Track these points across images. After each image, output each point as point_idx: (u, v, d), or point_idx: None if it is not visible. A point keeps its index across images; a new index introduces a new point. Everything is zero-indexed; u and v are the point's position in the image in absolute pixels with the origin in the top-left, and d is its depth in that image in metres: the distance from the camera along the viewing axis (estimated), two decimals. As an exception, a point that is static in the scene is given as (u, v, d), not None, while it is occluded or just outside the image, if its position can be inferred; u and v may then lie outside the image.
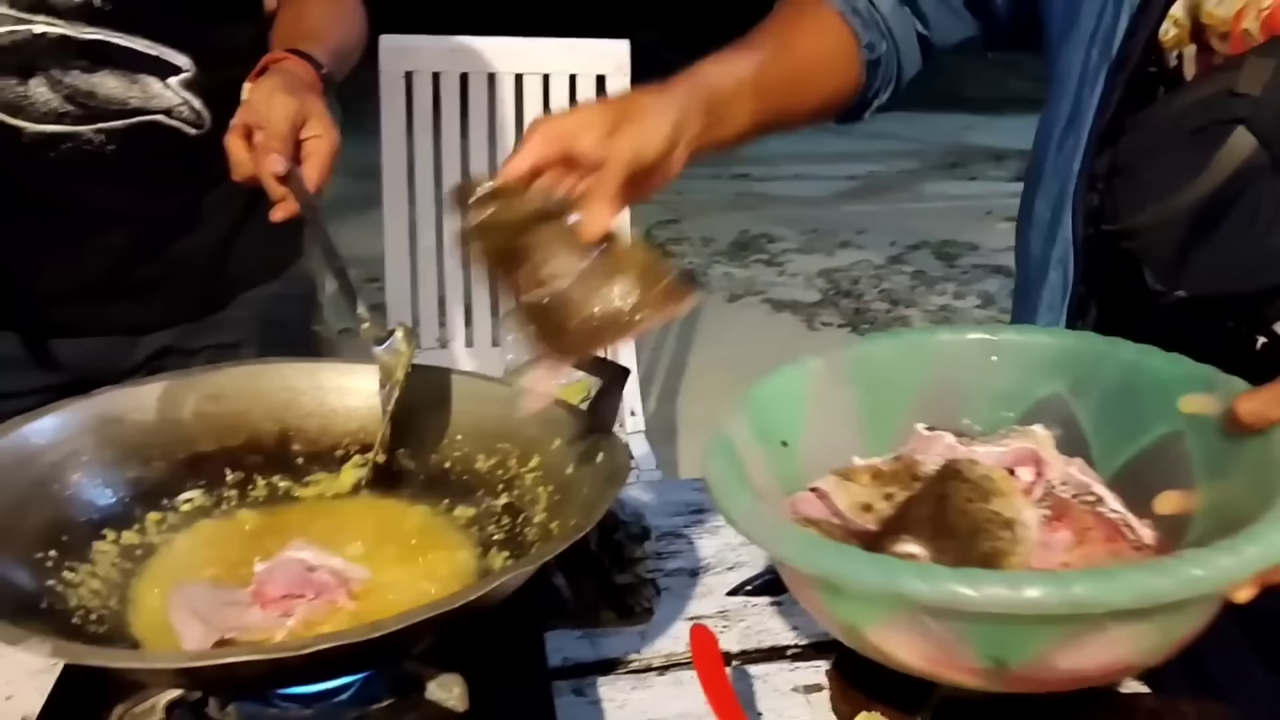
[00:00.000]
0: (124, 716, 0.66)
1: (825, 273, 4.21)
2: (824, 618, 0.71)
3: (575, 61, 2.01)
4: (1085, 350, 0.83)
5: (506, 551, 0.79)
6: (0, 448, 0.76)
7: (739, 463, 0.74)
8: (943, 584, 0.60)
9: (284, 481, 0.88)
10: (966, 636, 0.63)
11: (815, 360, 0.85)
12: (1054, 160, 0.96)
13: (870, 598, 0.64)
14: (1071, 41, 0.93)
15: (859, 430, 0.84)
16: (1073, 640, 0.62)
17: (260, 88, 0.96)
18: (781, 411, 0.81)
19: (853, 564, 0.63)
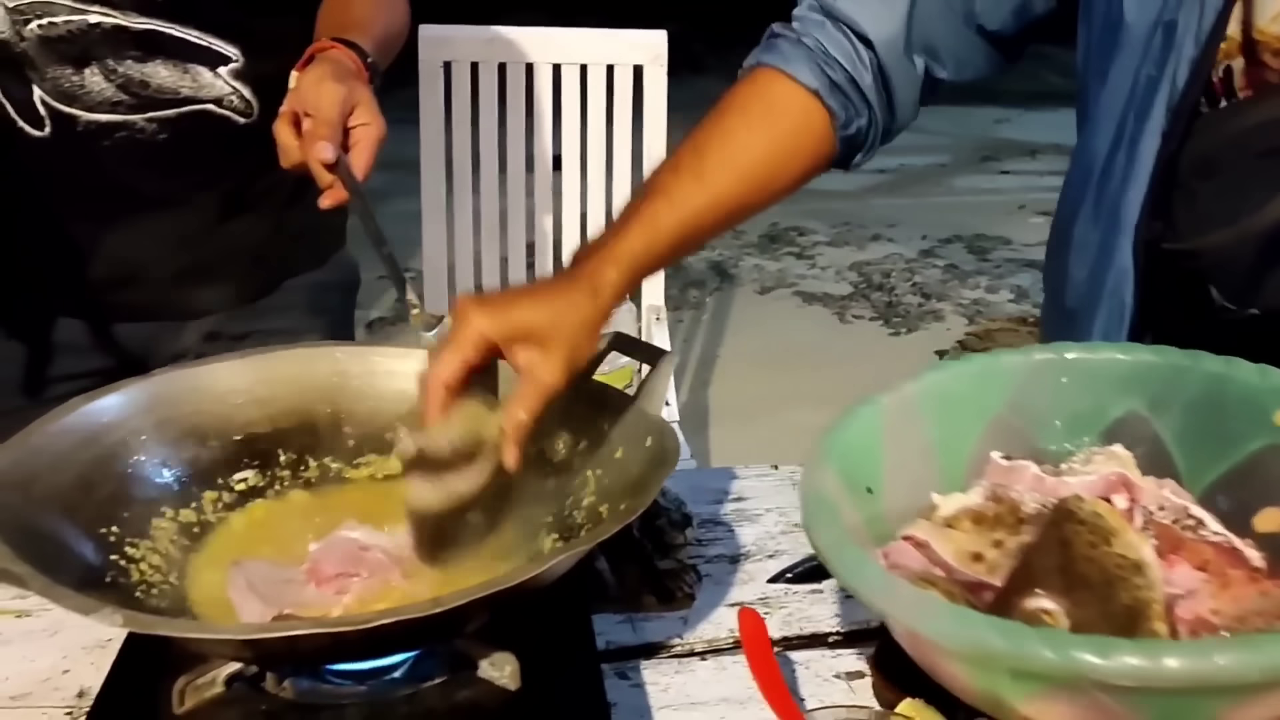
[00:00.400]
0: (186, 688, 0.68)
1: (856, 265, 4.20)
2: (963, 689, 0.66)
3: (613, 52, 2.02)
4: (1162, 365, 0.81)
5: (555, 534, 0.80)
6: (65, 425, 0.78)
7: (839, 521, 0.69)
8: (1119, 657, 0.56)
9: (335, 463, 0.90)
10: (1138, 707, 0.60)
11: (886, 396, 0.82)
12: (1098, 184, 0.93)
13: (1038, 675, 0.59)
14: (1116, 66, 0.91)
15: (935, 464, 0.82)
16: (1251, 699, 0.59)
17: (309, 75, 0.97)
18: (862, 455, 0.78)
19: (1017, 640, 0.58)
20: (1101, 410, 0.83)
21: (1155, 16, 0.87)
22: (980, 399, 0.84)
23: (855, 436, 0.79)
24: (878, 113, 0.97)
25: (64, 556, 0.71)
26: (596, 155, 2.03)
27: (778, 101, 0.93)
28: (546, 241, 2.09)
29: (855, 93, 0.95)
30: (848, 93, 0.94)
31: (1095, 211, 0.95)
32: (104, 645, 0.83)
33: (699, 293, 3.92)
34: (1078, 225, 0.97)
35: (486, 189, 2.04)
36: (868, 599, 0.64)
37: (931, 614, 0.61)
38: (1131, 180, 0.90)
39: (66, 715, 0.76)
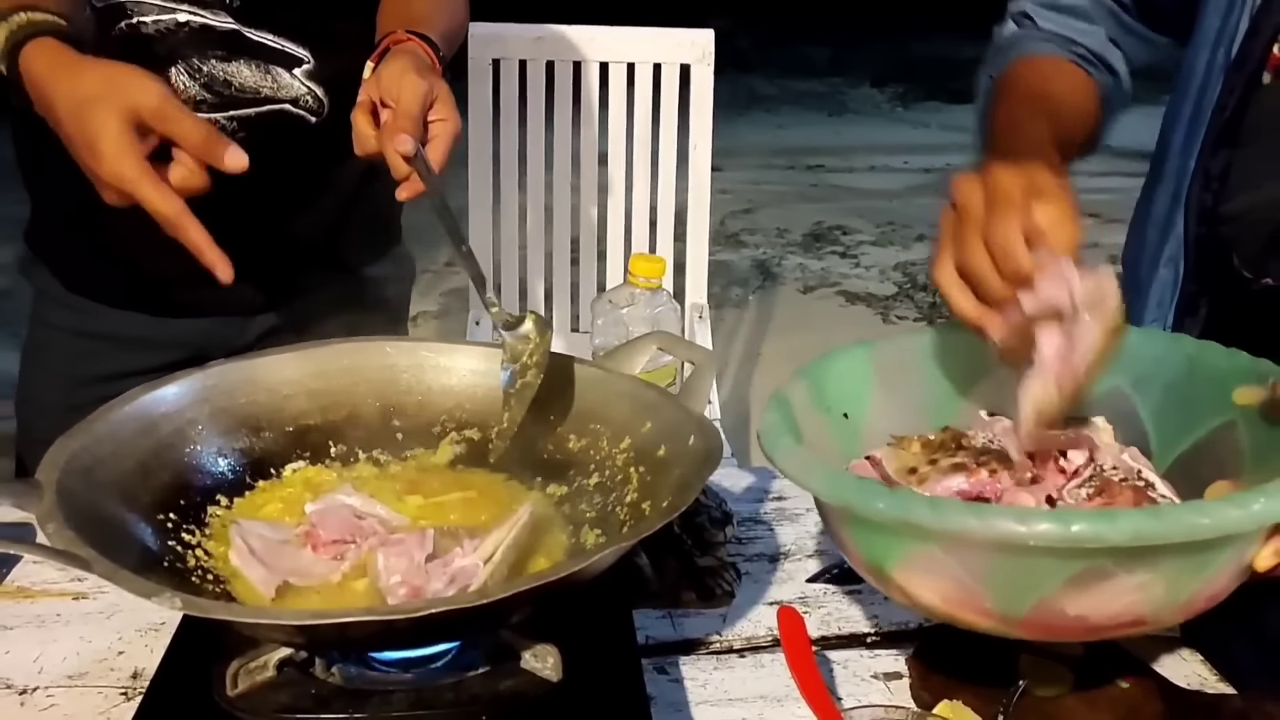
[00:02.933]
0: (239, 671, 0.69)
1: (901, 266, 4.18)
2: (855, 560, 0.74)
3: (660, 50, 2.02)
4: (1148, 345, 0.85)
5: (598, 530, 0.82)
6: (126, 415, 0.80)
7: (791, 416, 0.78)
8: (951, 514, 0.64)
9: (384, 455, 0.91)
10: (977, 574, 0.66)
11: (884, 343, 0.89)
12: (1173, 160, 0.96)
13: (888, 530, 0.67)
14: (1196, 43, 0.94)
15: (922, 412, 0.87)
16: (1078, 585, 0.64)
17: (391, 67, 0.97)
18: (845, 386, 0.85)
19: (871, 495, 0.67)
20: None
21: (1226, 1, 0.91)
22: (974, 361, 0.86)
23: (842, 367, 0.86)
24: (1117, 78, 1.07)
25: (123, 541, 0.73)
26: (642, 153, 2.04)
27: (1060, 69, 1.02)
28: (591, 238, 2.10)
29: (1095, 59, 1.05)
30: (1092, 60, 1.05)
31: (1166, 185, 0.98)
32: (158, 628, 0.85)
33: (742, 291, 3.92)
34: (1155, 199, 0.99)
35: (533, 185, 2.06)
36: (776, 461, 0.73)
37: (814, 473, 0.71)
38: (1192, 152, 0.93)
39: (122, 695, 0.79)
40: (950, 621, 0.71)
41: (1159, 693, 0.79)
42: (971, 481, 0.76)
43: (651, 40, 2.03)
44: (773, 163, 5.56)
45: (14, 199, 1.26)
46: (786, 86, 7.31)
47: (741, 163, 5.25)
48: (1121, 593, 0.65)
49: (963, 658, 0.82)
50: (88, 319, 1.22)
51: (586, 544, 0.80)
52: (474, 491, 0.87)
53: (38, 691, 0.79)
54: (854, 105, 7.11)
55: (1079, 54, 1.03)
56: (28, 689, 0.79)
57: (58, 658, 0.83)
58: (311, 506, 0.81)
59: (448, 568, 0.74)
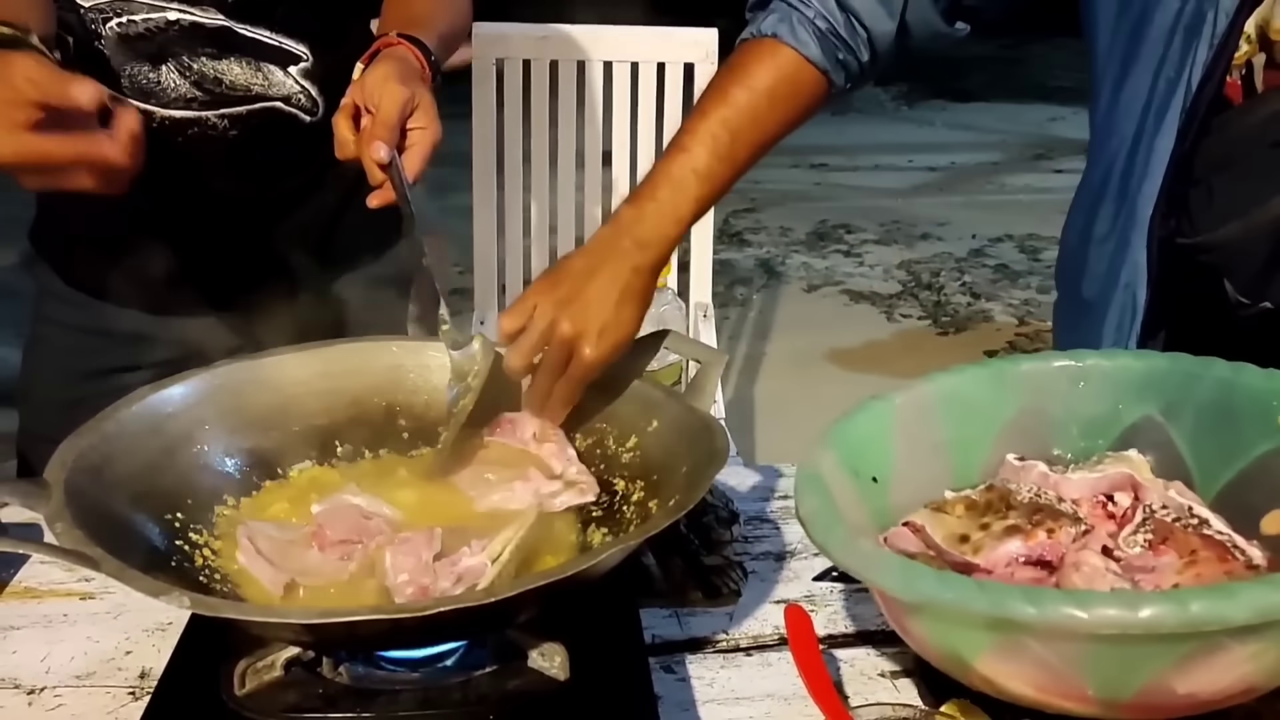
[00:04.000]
0: (246, 670, 0.70)
1: (905, 264, 4.18)
2: (927, 649, 0.70)
3: (664, 50, 2.02)
4: (1176, 371, 0.82)
5: (605, 529, 0.82)
6: (133, 414, 0.80)
7: (830, 496, 0.74)
8: (1052, 606, 0.59)
9: (390, 455, 0.91)
10: (1077, 662, 0.62)
11: (900, 394, 0.85)
12: (1119, 180, 0.95)
13: (976, 624, 0.63)
14: (1139, 62, 0.92)
15: (948, 464, 0.84)
16: (1190, 663, 0.61)
17: (375, 73, 0.98)
18: (869, 447, 0.81)
19: (957, 590, 0.62)
20: (1118, 415, 0.84)
21: (1173, 20, 0.89)
22: (995, 402, 0.85)
23: (863, 427, 0.82)
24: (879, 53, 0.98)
25: (132, 541, 0.73)
26: (646, 152, 2.04)
27: (799, 83, 0.95)
28: (595, 238, 2.10)
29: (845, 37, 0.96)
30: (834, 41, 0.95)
31: (1115, 208, 0.96)
32: (165, 628, 0.85)
33: (746, 290, 3.92)
34: (1098, 221, 0.98)
35: (537, 185, 2.06)
36: (834, 556, 0.69)
37: (885, 568, 0.66)
38: (1148, 178, 0.92)
39: (129, 695, 0.79)
40: (1042, 709, 0.67)
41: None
42: (1030, 545, 0.74)
43: (655, 40, 2.03)
44: (776, 161, 5.52)
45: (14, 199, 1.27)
46: (790, 85, 7.30)
47: (745, 162, 5.24)
48: (1233, 666, 0.62)
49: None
50: (89, 315, 1.23)
51: (593, 543, 0.81)
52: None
53: (45, 691, 0.79)
54: (858, 104, 7.10)
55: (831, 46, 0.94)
56: (35, 689, 0.79)
57: (65, 658, 0.83)
58: (318, 507, 0.81)
59: (455, 566, 0.74)
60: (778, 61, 0.94)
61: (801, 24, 0.94)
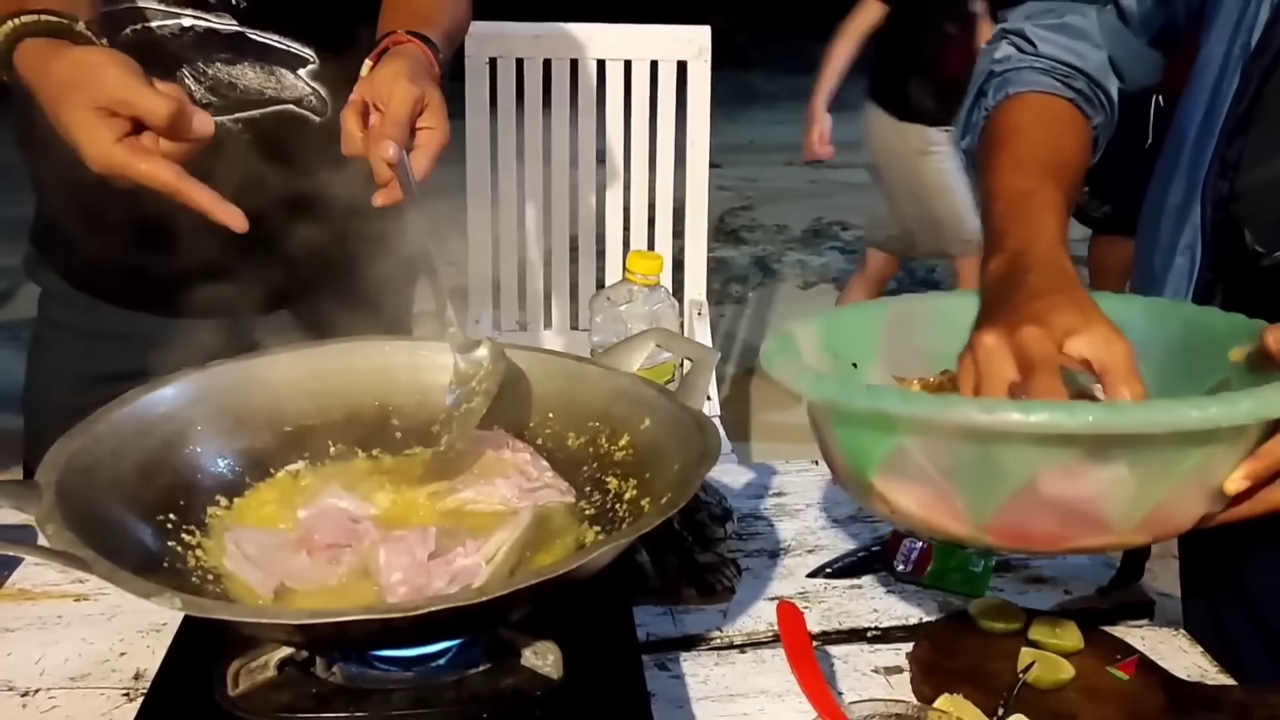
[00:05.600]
0: (239, 671, 0.69)
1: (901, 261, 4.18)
2: (841, 470, 0.77)
3: (657, 48, 2.03)
4: (1150, 310, 0.87)
5: (598, 527, 0.82)
6: (125, 415, 0.80)
7: (795, 350, 0.82)
8: (919, 404, 0.68)
9: (383, 454, 0.91)
10: (948, 472, 0.68)
11: (895, 302, 0.93)
12: (1188, 151, 0.95)
13: (867, 426, 0.70)
14: (1214, 33, 0.93)
15: (926, 370, 0.88)
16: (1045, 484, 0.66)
17: (385, 70, 0.96)
18: (855, 337, 0.88)
19: (850, 389, 0.72)
20: None
21: None
22: None
23: (852, 320, 0.90)
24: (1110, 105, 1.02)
25: (124, 542, 0.73)
26: (640, 150, 2.04)
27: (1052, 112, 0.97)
28: (590, 235, 2.10)
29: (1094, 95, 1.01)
30: (1089, 96, 1.00)
31: (1182, 177, 0.97)
32: (159, 629, 0.85)
33: (741, 287, 3.92)
34: (1170, 193, 0.98)
35: (531, 183, 2.06)
36: (773, 371, 0.76)
37: (803, 375, 0.74)
38: (1208, 142, 0.92)
39: (124, 696, 0.79)
40: (927, 531, 0.74)
41: (1160, 685, 0.79)
42: None
43: (648, 38, 2.03)
44: (771, 159, 5.56)
45: (14, 200, 1.27)
46: (785, 82, 7.30)
47: (740, 159, 5.26)
48: (1087, 487, 0.66)
49: (963, 651, 0.82)
50: (93, 318, 1.22)
51: (586, 541, 0.80)
52: None
53: (40, 693, 0.79)
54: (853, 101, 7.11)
55: (1079, 90, 0.98)
56: (29, 691, 0.79)
57: (59, 659, 0.83)
58: (304, 511, 0.80)
59: (450, 566, 0.74)
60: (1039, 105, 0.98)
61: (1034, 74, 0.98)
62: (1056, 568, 0.97)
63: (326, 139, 1.14)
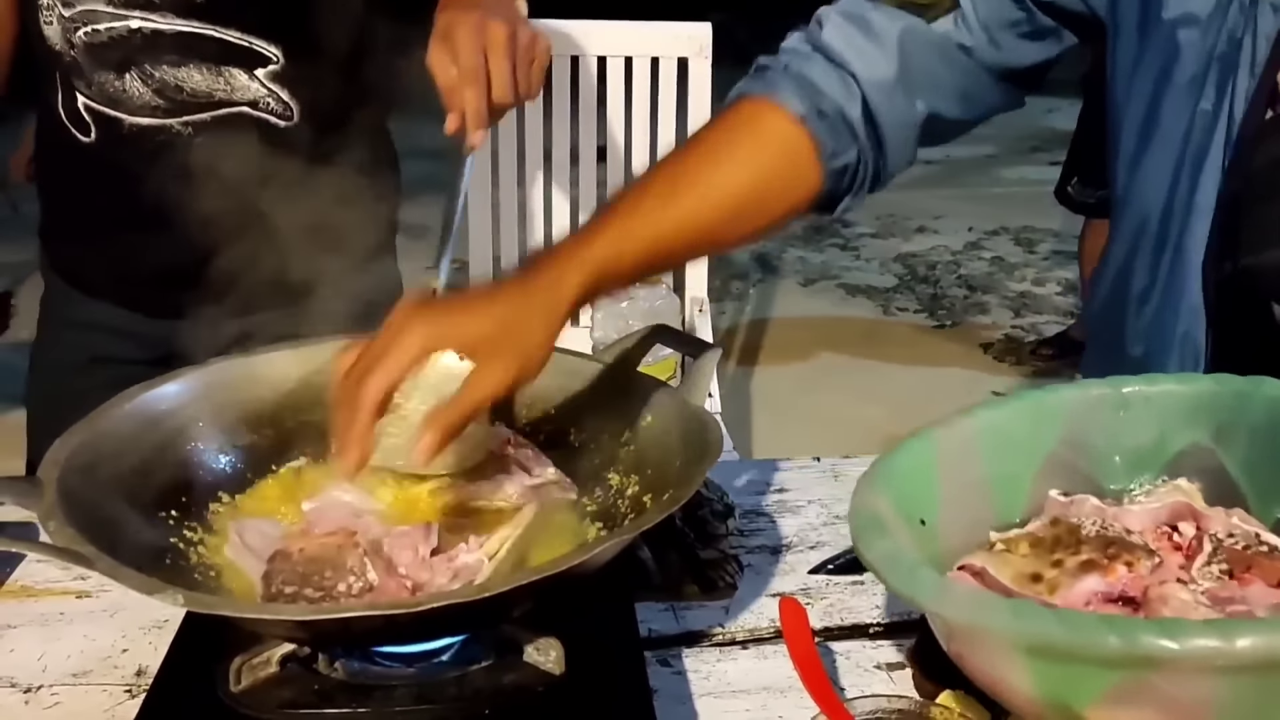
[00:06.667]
0: (242, 667, 0.70)
1: (901, 258, 4.18)
2: (1023, 699, 0.64)
3: (658, 44, 2.02)
4: (1224, 392, 0.78)
5: (599, 523, 0.82)
6: (127, 412, 0.80)
7: (895, 539, 0.68)
8: (1190, 637, 0.54)
9: (384, 451, 0.91)
10: (1209, 702, 0.57)
11: (940, 429, 0.80)
12: (1156, 230, 0.90)
13: (1098, 663, 0.58)
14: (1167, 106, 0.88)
15: (990, 502, 0.79)
16: None
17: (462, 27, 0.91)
18: (914, 488, 0.76)
19: (1081, 628, 0.57)
20: (1162, 444, 0.80)
21: (1205, 55, 0.85)
22: (1035, 435, 0.80)
23: (907, 466, 0.76)
24: (867, 150, 0.92)
25: (126, 539, 0.73)
26: (641, 147, 2.04)
27: (763, 129, 0.89)
28: (591, 233, 2.10)
29: (843, 125, 0.90)
30: (835, 123, 0.90)
31: (1153, 259, 0.91)
32: (161, 625, 0.85)
33: (742, 284, 3.92)
34: (1134, 277, 0.93)
35: (531, 181, 2.06)
36: (923, 602, 0.63)
37: (990, 608, 0.61)
38: (1194, 217, 0.87)
39: (126, 693, 0.79)
40: None
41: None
42: (1109, 580, 0.69)
43: (649, 34, 2.03)
44: (772, 156, 5.55)
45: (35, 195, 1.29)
46: (785, 79, 7.31)
47: (741, 156, 5.24)
48: None
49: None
50: (83, 310, 1.25)
51: (588, 537, 0.81)
52: None
53: (42, 690, 0.79)
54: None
55: (822, 110, 0.89)
56: (32, 687, 0.79)
57: (61, 656, 0.83)
58: (309, 504, 0.81)
59: (452, 563, 0.74)
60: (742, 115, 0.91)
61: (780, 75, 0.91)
62: (1058, 564, 0.97)
63: (293, 143, 1.14)
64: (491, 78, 0.87)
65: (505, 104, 0.89)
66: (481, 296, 0.76)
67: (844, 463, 1.13)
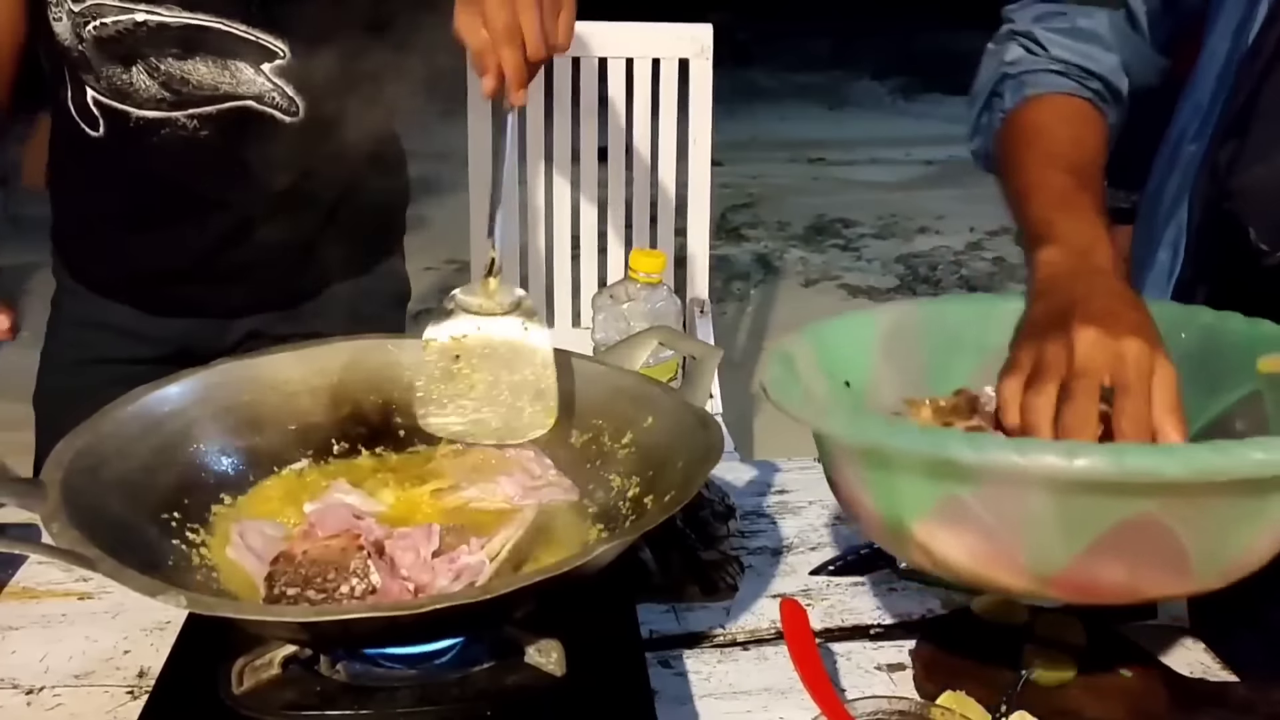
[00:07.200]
0: (244, 669, 0.70)
1: (903, 258, 4.18)
2: (868, 516, 0.70)
3: (659, 45, 2.02)
4: (1162, 316, 0.80)
5: (601, 525, 0.82)
6: (130, 414, 0.81)
7: (795, 370, 0.76)
8: (992, 450, 0.59)
9: (387, 452, 0.91)
10: (1014, 523, 0.62)
11: (886, 312, 0.87)
12: (1185, 148, 0.95)
13: (918, 472, 0.63)
14: (1216, 32, 0.93)
15: (923, 385, 0.83)
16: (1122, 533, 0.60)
17: None
18: (847, 352, 0.82)
19: (904, 433, 0.63)
20: None
21: None
22: (980, 334, 0.84)
23: (844, 333, 0.83)
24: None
25: (128, 540, 0.73)
26: (642, 148, 2.04)
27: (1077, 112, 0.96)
28: (591, 233, 2.10)
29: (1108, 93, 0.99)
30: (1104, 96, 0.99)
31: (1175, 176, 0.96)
32: (163, 627, 0.86)
33: (743, 285, 3.92)
34: (1165, 190, 0.98)
35: (533, 181, 2.06)
36: (791, 410, 0.70)
37: (835, 415, 0.68)
38: (1202, 143, 0.92)
39: (128, 694, 0.79)
40: (974, 583, 0.67)
41: (1163, 682, 0.79)
42: None
43: (650, 35, 2.03)
44: (774, 156, 5.56)
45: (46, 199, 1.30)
46: (787, 79, 7.30)
47: (742, 156, 5.25)
48: (1165, 543, 0.61)
49: (966, 648, 0.82)
50: (91, 308, 1.25)
51: (589, 539, 0.81)
52: None
53: (44, 691, 0.79)
54: (855, 98, 7.10)
55: (1095, 91, 0.97)
56: (34, 689, 0.80)
57: (64, 657, 0.83)
58: (310, 506, 0.81)
59: (454, 564, 0.74)
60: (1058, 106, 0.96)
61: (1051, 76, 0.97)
62: (1059, 565, 0.97)
63: (298, 139, 1.15)
64: (525, 34, 0.86)
65: (539, 59, 0.88)
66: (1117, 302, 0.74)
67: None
